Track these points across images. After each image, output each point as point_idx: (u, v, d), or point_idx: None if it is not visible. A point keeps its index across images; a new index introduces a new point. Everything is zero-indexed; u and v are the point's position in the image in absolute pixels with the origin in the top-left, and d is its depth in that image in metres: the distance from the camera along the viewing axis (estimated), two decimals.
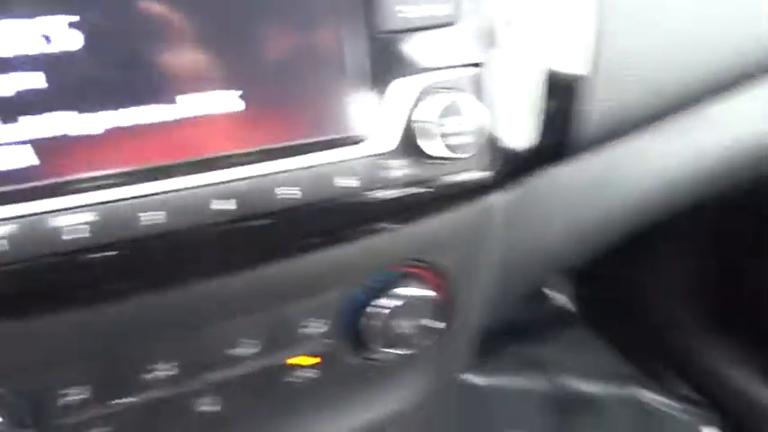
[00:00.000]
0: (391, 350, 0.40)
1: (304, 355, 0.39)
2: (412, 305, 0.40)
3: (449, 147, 0.37)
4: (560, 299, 1.44)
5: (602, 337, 1.39)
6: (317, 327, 0.39)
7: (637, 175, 0.52)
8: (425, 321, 0.40)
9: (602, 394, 1.30)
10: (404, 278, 0.40)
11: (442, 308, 0.42)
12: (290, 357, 0.39)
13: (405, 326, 0.40)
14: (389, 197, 0.37)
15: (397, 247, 0.40)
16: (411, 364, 0.44)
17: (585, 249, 0.55)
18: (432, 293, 0.41)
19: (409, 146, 0.37)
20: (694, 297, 1.30)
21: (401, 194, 0.37)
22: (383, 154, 0.37)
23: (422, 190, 0.38)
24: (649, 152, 0.52)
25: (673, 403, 1.29)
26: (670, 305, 1.32)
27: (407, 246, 0.40)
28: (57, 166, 0.31)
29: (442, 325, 0.41)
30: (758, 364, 1.19)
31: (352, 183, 0.36)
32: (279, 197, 0.34)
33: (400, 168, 0.37)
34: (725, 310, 1.26)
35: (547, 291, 1.41)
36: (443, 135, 0.37)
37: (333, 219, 0.36)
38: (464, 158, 0.37)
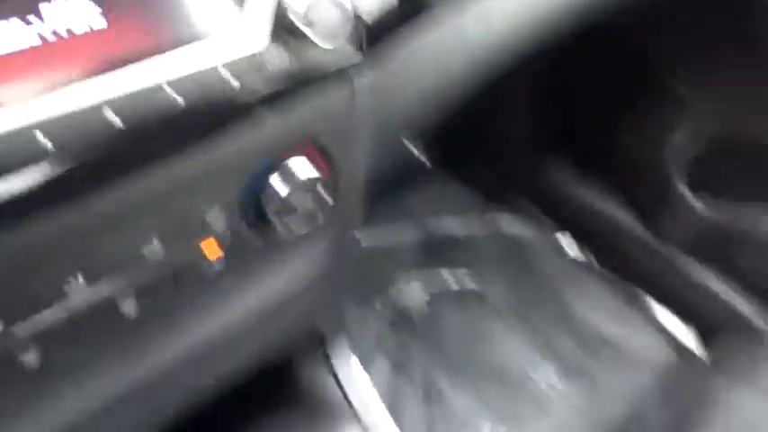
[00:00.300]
0: (289, 229, 0.43)
1: (211, 246, 0.41)
2: (303, 184, 0.42)
3: (318, 36, 0.38)
4: (417, 150, 1.52)
5: (459, 180, 1.50)
6: (219, 217, 0.41)
7: (482, 36, 0.56)
8: (317, 197, 0.44)
9: (468, 232, 1.42)
10: (292, 161, 0.42)
11: (329, 183, 0.45)
12: (198, 250, 0.41)
13: (299, 204, 0.43)
14: (265, 91, 0.38)
15: (279, 134, 0.42)
16: (309, 240, 0.47)
17: (445, 107, 0.60)
18: (319, 171, 0.44)
19: (280, 40, 0.38)
20: (536, 126, 1.42)
21: (276, 87, 0.39)
22: (256, 51, 0.37)
23: (296, 81, 0.40)
24: (491, 12, 0.56)
25: (530, 228, 1.44)
26: (515, 136, 1.44)
27: (289, 132, 0.42)
28: None
29: (330, 198, 0.45)
30: (600, 181, 1.34)
31: (231, 83, 0.37)
32: (159, 105, 0.34)
33: (273, 63, 0.38)
34: (564, 133, 1.39)
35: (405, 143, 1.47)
36: (312, 25, 0.38)
37: (215, 117, 0.37)
38: (334, 45, 0.39)
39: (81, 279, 0.37)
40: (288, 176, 0.43)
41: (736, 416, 0.80)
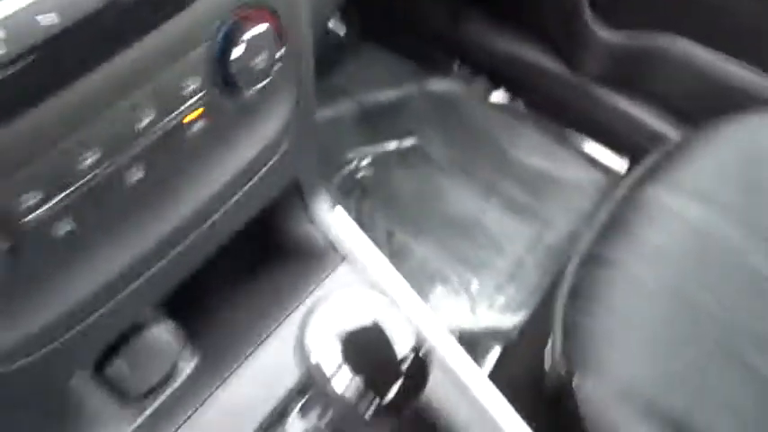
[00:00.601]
0: (253, 85, 0.49)
1: (191, 111, 0.47)
2: (259, 40, 0.47)
3: None
4: (340, 30, 1.54)
5: (388, 51, 1.54)
6: (193, 84, 0.45)
7: None
8: (272, 50, 0.49)
9: (401, 96, 1.48)
10: (244, 22, 0.47)
11: (279, 38, 0.50)
12: (180, 117, 0.46)
13: (259, 59, 0.48)
14: None
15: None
16: (272, 94, 0.53)
17: None
18: (269, 28, 0.48)
19: None
20: None
21: None
22: None
23: None
24: None
25: (459, 84, 1.50)
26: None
27: None
28: None
29: (282, 51, 0.50)
30: (516, 28, 1.40)
31: None
32: None
33: None
34: None
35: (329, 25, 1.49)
36: None
37: None
38: None
39: (94, 155, 0.42)
40: (245, 40, 0.48)
41: (659, 208, 0.92)
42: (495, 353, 1.19)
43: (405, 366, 0.44)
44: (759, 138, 1.05)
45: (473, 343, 1.17)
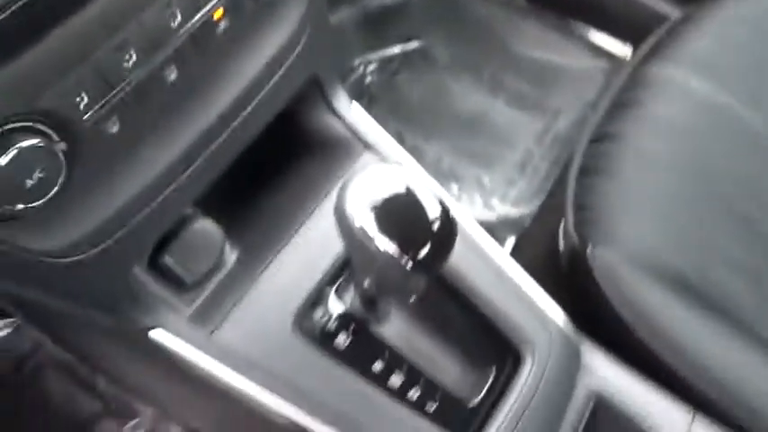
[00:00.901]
0: None
1: (217, 9, 0.50)
2: None
3: None
4: None
5: None
6: None
7: None
8: None
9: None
10: None
11: None
12: (209, 13, 0.48)
13: None
14: None
15: None
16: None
17: None
18: None
19: None
20: None
21: None
22: None
23: None
24: None
25: None
26: None
27: None
28: None
29: None
30: None
31: None
32: None
33: None
34: None
35: None
36: None
37: None
38: None
39: (134, 56, 0.45)
40: None
41: (665, 83, 0.94)
42: (510, 242, 1.24)
43: (434, 227, 0.48)
44: (762, 9, 1.05)
45: (489, 232, 1.22)
